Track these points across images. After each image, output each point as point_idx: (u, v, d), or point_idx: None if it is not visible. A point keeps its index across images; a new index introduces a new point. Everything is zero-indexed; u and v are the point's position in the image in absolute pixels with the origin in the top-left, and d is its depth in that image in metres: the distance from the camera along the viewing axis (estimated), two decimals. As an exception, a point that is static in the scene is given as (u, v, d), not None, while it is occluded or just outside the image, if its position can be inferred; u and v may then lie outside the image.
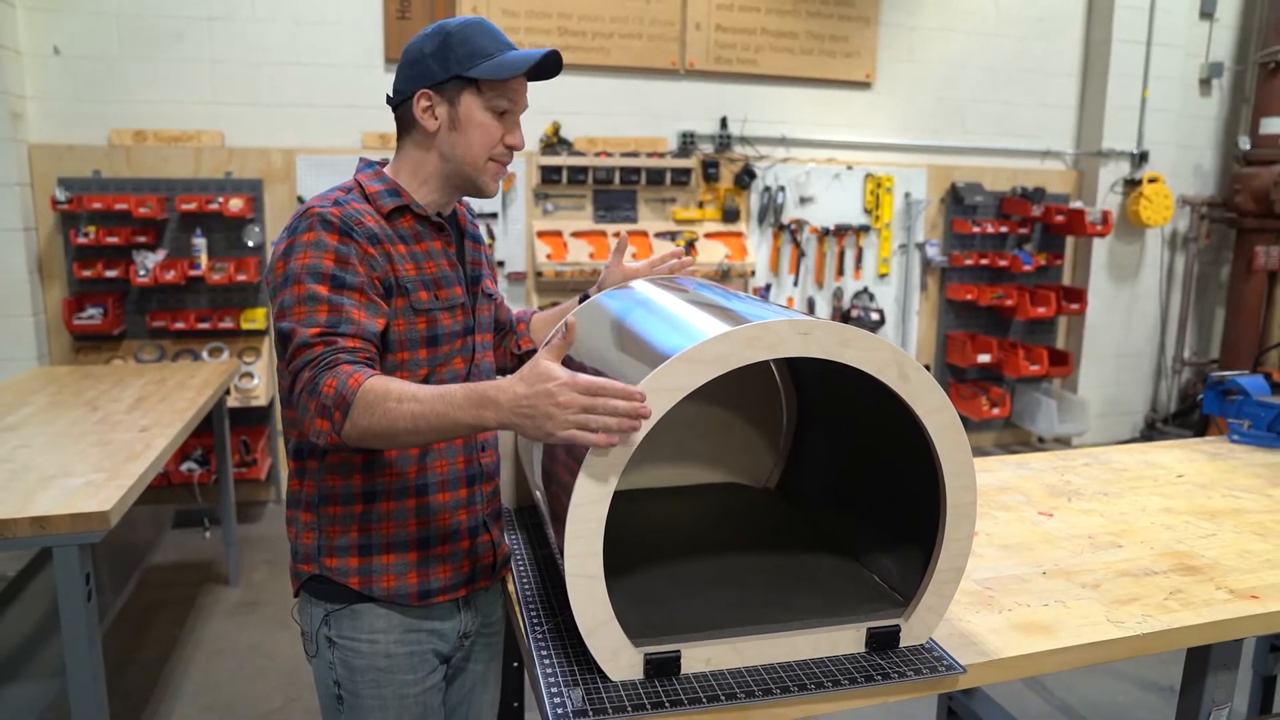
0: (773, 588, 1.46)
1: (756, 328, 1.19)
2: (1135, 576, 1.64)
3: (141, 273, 4.28)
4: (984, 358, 5.59)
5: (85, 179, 4.35)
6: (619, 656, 1.24)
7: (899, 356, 1.24)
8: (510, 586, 1.59)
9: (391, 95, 1.45)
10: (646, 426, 1.15)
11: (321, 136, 4.67)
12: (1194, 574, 1.65)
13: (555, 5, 4.89)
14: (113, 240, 4.24)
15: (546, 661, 1.30)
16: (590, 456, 1.15)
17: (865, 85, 5.50)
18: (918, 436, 1.31)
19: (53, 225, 4.37)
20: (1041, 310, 5.57)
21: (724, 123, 5.23)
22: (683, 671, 1.26)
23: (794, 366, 1.88)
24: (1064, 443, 6.06)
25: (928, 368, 5.74)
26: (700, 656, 1.27)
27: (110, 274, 4.31)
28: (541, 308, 1.93)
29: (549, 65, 1.41)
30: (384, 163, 1.50)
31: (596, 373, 1.28)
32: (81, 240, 4.24)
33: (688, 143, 5.16)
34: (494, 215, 4.90)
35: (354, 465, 1.40)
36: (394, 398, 1.20)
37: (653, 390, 1.15)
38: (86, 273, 4.30)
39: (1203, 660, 1.57)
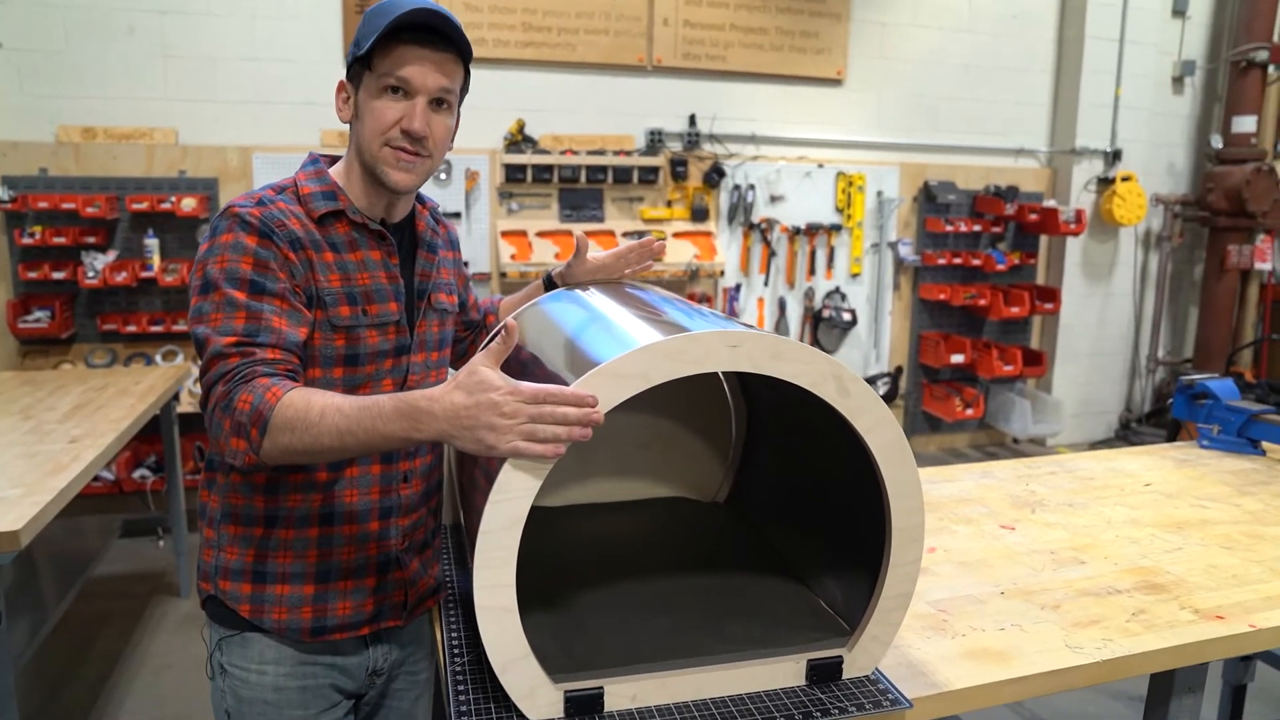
0: (710, 614, 1.37)
1: (681, 340, 1.10)
2: (1097, 596, 1.56)
3: (91, 274, 4.14)
4: (958, 358, 5.53)
5: (31, 177, 4.20)
6: (537, 694, 1.14)
7: (837, 369, 1.15)
8: (435, 614, 1.49)
9: None
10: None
11: (279, 134, 4.54)
12: (1158, 592, 1.57)
13: (520, 1, 4.78)
14: (60, 241, 4.10)
15: (462, 698, 1.20)
16: (501, 479, 1.06)
17: (836, 82, 5.43)
18: (862, 453, 1.22)
19: (-3, 225, 4.22)
20: (1015, 310, 5.52)
21: (692, 120, 5.14)
22: (606, 709, 1.17)
23: (743, 375, 1.79)
24: (1038, 443, 6.02)
25: (900, 369, 5.68)
26: (625, 693, 1.18)
27: (58, 275, 4.16)
28: (507, 292, 1.82)
29: (429, 26, 1.25)
30: (335, 160, 1.39)
31: (536, 366, 1.19)
32: (27, 241, 4.10)
33: (655, 141, 5.07)
34: (457, 215, 4.78)
35: (256, 486, 1.30)
36: (315, 411, 1.09)
37: (568, 408, 1.06)
38: (32, 274, 4.15)
39: (1167, 684, 1.49)
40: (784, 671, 1.24)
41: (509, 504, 1.07)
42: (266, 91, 4.51)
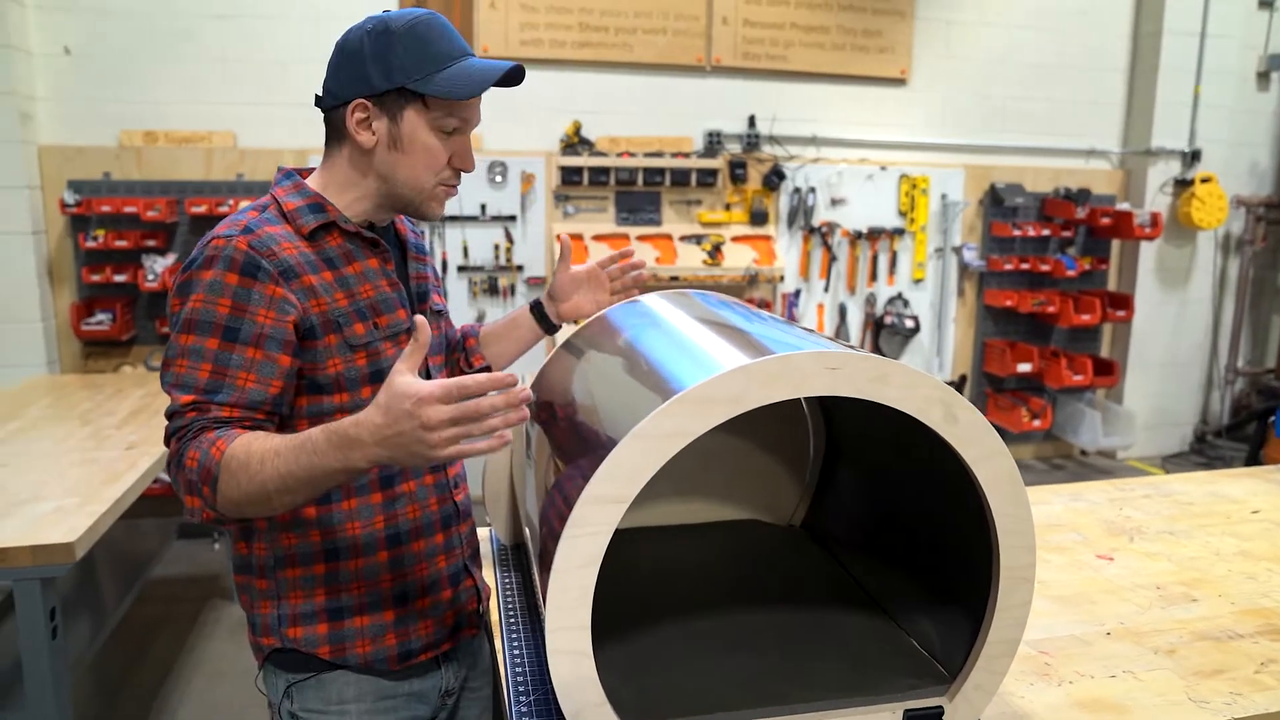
0: (794, 653, 1.26)
1: (776, 362, 1.00)
2: (1216, 640, 1.42)
3: (150, 277, 4.17)
4: (1024, 367, 5.33)
5: (95, 181, 4.25)
6: (611, 744, 1.05)
7: (945, 395, 1.04)
8: (498, 641, 1.41)
9: (321, 95, 1.24)
10: (649, 471, 0.97)
11: (336, 137, 4.53)
12: (1285, 637, 1.43)
13: (577, 1, 4.71)
14: (122, 244, 4.14)
15: (529, 743, 1.12)
16: (576, 513, 0.97)
17: (900, 82, 5.26)
18: (966, 481, 1.11)
19: (62, 228, 4.27)
20: (1085, 317, 5.30)
21: (752, 121, 5.02)
22: (686, 762, 1.07)
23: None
24: (1108, 456, 5.78)
25: (964, 378, 5.50)
26: (706, 744, 1.08)
27: (119, 278, 4.20)
28: (481, 320, 1.74)
29: (511, 78, 1.22)
30: (309, 171, 1.30)
31: (585, 405, 1.10)
32: (90, 244, 4.15)
33: (714, 142, 4.96)
34: (512, 218, 4.73)
35: (309, 521, 1.22)
36: (256, 458, 1.03)
37: (652, 436, 0.98)
38: (95, 277, 4.20)
39: (1297, 742, 1.35)
40: (879, 722, 1.14)
41: (585, 540, 0.98)
42: (324, 95, 4.50)
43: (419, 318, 1.00)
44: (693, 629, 1.34)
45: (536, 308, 1.63)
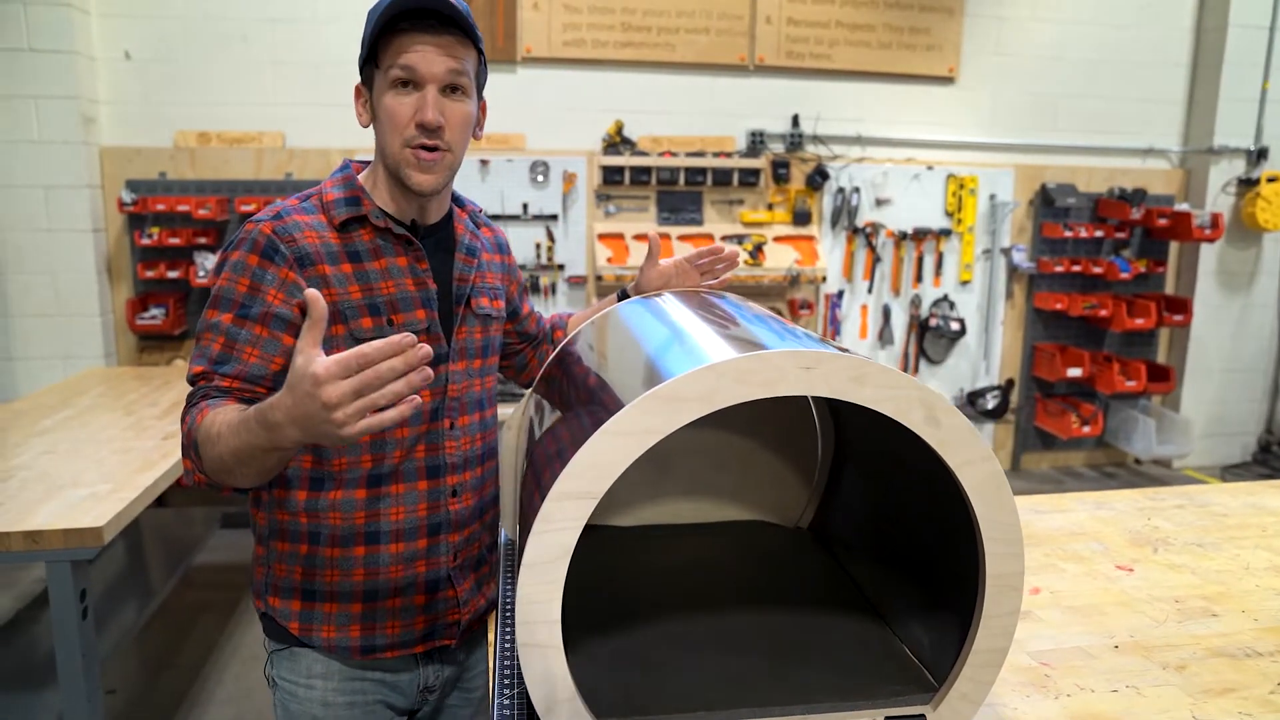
0: (782, 656, 1.25)
1: (749, 361, 0.99)
2: (1232, 658, 1.37)
3: (201, 273, 4.30)
4: (1075, 371, 5.19)
5: (151, 181, 4.40)
6: (584, 740, 1.05)
7: (926, 396, 1.02)
8: (491, 634, 1.43)
9: None
10: (618, 469, 0.97)
11: (381, 137, 4.62)
12: (1305, 656, 1.37)
13: (619, 1, 4.72)
14: (175, 241, 4.28)
15: (508, 736, 1.13)
16: (545, 509, 0.97)
17: (948, 80, 5.17)
18: (956, 487, 1.09)
19: (120, 226, 4.43)
20: (1140, 321, 5.14)
21: (795, 121, 4.98)
22: (659, 762, 1.07)
23: (830, 392, 1.66)
24: (1163, 464, 5.60)
25: (1011, 382, 5.38)
26: (679, 744, 1.08)
27: (172, 274, 4.34)
28: (603, 295, 1.76)
29: (428, 11, 1.18)
30: (367, 164, 1.34)
31: (593, 390, 1.11)
32: (146, 241, 4.29)
33: (757, 142, 4.93)
34: (554, 217, 4.76)
35: (298, 503, 1.27)
36: (215, 430, 1.07)
37: (620, 433, 0.97)
38: (150, 273, 4.35)
39: (1313, 766, 1.29)
40: (859, 729, 1.12)
41: (553, 535, 0.98)
42: (370, 95, 4.59)
43: (309, 290, 0.96)
44: (686, 628, 1.34)
45: (623, 299, 1.65)
